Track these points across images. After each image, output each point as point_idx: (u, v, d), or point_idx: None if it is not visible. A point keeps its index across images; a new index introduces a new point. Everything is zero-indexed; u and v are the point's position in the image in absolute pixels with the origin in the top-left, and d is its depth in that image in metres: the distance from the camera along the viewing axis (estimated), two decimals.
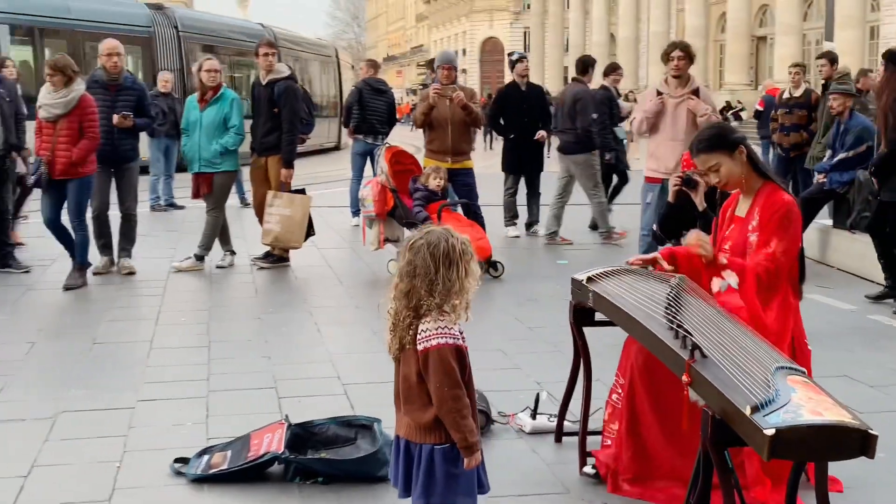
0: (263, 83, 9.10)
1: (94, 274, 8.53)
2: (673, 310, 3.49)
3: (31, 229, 10.15)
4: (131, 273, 8.67)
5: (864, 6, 32.13)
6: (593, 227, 11.26)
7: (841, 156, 8.69)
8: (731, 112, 35.05)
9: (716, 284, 3.81)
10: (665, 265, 4.05)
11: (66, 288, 7.96)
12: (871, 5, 33.09)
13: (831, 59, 10.90)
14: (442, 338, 2.92)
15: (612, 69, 11.82)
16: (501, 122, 11.16)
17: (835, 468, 3.93)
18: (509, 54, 12.42)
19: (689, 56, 7.95)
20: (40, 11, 19.39)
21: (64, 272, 8.24)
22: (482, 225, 9.13)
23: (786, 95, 11.33)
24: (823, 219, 9.68)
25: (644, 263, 4.14)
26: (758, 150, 11.00)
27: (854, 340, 6.50)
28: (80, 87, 7.98)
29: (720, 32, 43.42)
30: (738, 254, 3.98)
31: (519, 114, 10.93)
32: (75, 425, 4.77)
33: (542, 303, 7.59)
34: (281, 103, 8.93)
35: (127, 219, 8.92)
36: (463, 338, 3.00)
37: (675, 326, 3.34)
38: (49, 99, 7.90)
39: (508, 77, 12.25)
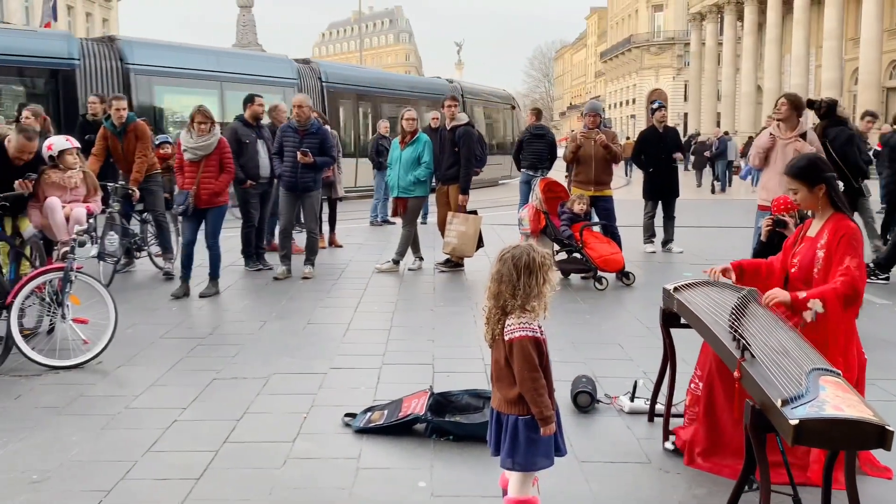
0: (448, 128, 9.30)
1: (275, 280, 8.52)
2: (735, 316, 3.34)
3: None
4: (306, 278, 8.61)
5: None
6: None
7: None
8: None
9: (807, 316, 3.56)
10: (732, 275, 3.91)
11: (202, 296, 7.74)
12: None
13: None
14: (523, 331, 2.91)
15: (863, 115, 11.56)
16: (642, 157, 10.92)
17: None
18: (651, 103, 12.15)
19: (792, 104, 7.49)
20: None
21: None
22: (618, 242, 8.94)
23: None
24: None
25: (716, 275, 3.96)
26: (874, 185, 10.25)
27: None
28: (218, 131, 7.84)
29: (853, 84, 40.36)
30: (805, 267, 3.74)
31: (657, 151, 10.71)
32: (281, 384, 5.05)
33: None
34: (460, 144, 9.11)
35: (309, 236, 8.95)
36: (542, 331, 2.97)
37: (732, 330, 3.20)
38: (193, 143, 7.69)
39: (672, 122, 11.96)
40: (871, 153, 11.90)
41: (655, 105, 11.23)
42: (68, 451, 3.96)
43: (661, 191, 10.89)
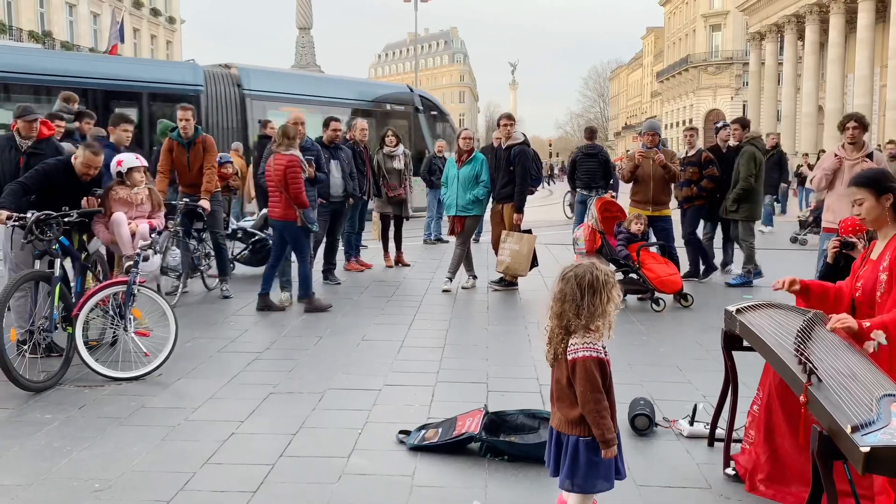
0: (504, 147, 9.30)
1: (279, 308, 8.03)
2: (801, 339, 3.24)
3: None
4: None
5: None
6: None
7: None
8: None
9: (869, 347, 3.45)
10: (798, 286, 3.79)
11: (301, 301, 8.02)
12: None
13: (743, 124, 10.16)
14: (587, 351, 2.88)
15: None
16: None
17: None
18: (715, 123, 11.95)
19: (862, 126, 7.33)
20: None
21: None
22: (676, 263, 8.81)
23: (681, 155, 10.32)
24: None
25: (784, 285, 3.85)
26: None
27: None
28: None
29: None
30: (869, 291, 3.62)
31: (719, 171, 10.45)
32: (336, 399, 5.08)
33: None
34: (516, 163, 9.09)
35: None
36: (605, 352, 2.93)
37: (798, 353, 3.11)
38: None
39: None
40: None
41: (720, 124, 11.04)
42: (129, 460, 4.04)
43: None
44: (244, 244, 10.09)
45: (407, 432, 4.37)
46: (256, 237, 9.94)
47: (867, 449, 2.46)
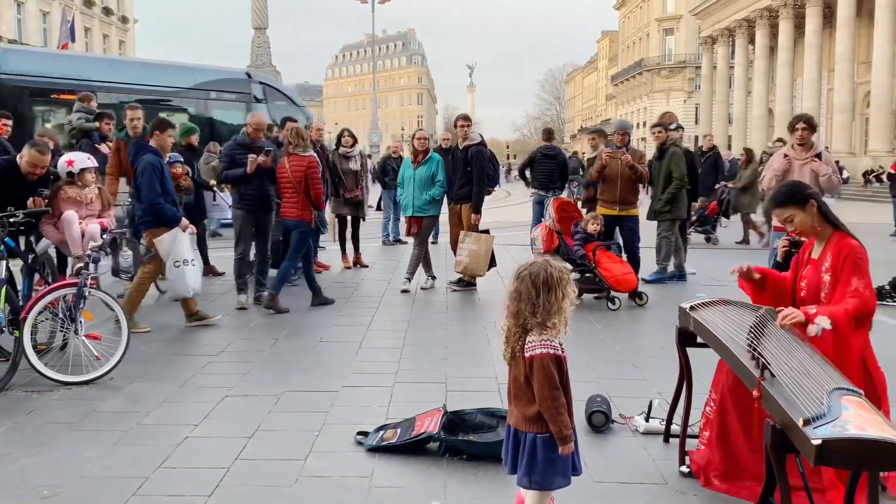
0: (461, 147, 9.31)
1: (238, 310, 7.97)
2: (753, 335, 3.29)
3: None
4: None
5: None
6: None
7: None
8: (872, 175, 32.35)
9: (811, 330, 3.51)
10: (755, 275, 3.88)
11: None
12: None
13: (665, 126, 10.21)
14: (544, 348, 2.88)
15: None
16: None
17: None
18: (668, 123, 12.01)
19: (811, 127, 7.46)
20: None
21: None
22: (638, 263, 8.90)
23: (590, 157, 10.41)
24: None
25: (741, 272, 3.91)
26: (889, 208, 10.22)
27: None
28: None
29: (865, 107, 40.31)
30: (813, 290, 3.71)
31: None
32: (293, 401, 5.02)
33: None
34: (473, 164, 9.10)
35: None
36: (562, 349, 2.94)
37: (750, 349, 3.16)
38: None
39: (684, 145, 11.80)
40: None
41: (673, 126, 11.16)
42: (80, 467, 3.94)
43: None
44: None
45: (365, 433, 4.34)
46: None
47: (819, 441, 2.50)
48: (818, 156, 7.53)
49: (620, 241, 9.22)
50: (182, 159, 9.67)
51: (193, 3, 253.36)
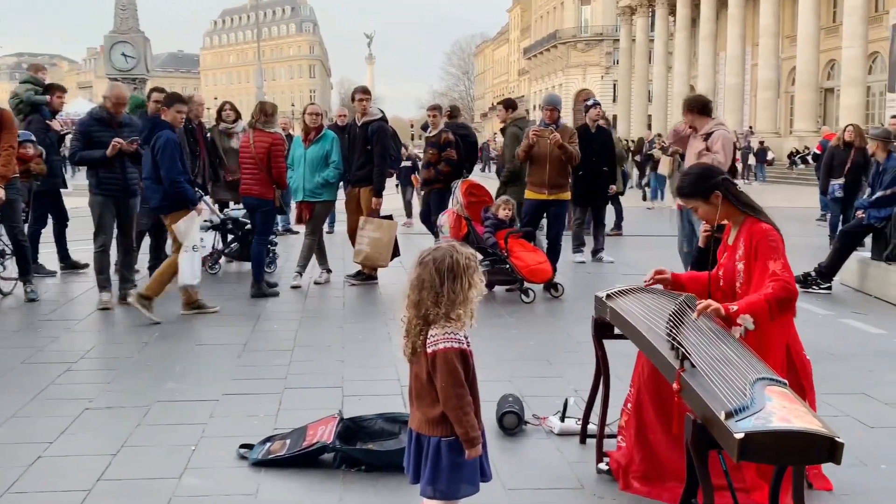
0: (359, 124, 9.24)
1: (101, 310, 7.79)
2: (673, 324, 3.38)
3: None
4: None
5: None
6: None
7: (879, 194, 8.41)
8: (798, 157, 33.95)
9: (736, 332, 3.63)
10: (666, 276, 4.01)
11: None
12: None
13: (507, 105, 10.55)
14: (448, 342, 2.88)
15: None
16: None
17: (841, 478, 3.76)
18: (585, 100, 12.26)
19: (689, 110, 7.77)
20: None
21: None
22: (558, 252, 9.04)
23: (428, 135, 10.42)
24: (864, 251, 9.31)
25: (655, 281, 4.03)
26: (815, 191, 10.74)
27: (877, 362, 6.16)
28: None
29: (790, 84, 42.25)
30: (728, 279, 3.86)
31: (588, 153, 10.73)
32: (165, 413, 4.89)
33: None
34: (373, 141, 9.05)
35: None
36: (468, 343, 2.94)
37: (670, 339, 3.24)
38: None
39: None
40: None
41: (590, 102, 11.35)
42: None
43: (590, 196, 11.06)
44: (234, 236, 10.16)
45: (249, 446, 4.27)
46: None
47: (741, 435, 2.58)
48: (708, 136, 7.81)
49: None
50: (34, 138, 9.21)
51: None
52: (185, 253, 7.33)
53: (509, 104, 10.40)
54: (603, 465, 4.02)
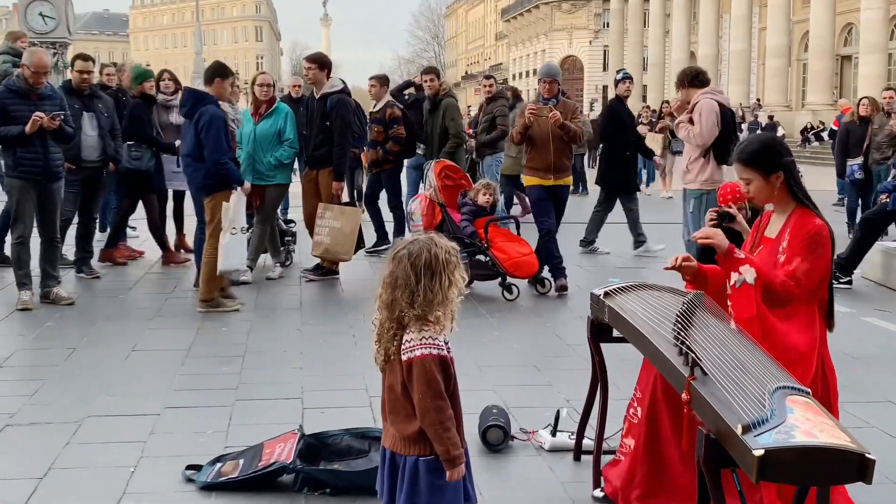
0: (317, 97, 9.20)
1: (21, 310, 7.67)
2: (680, 325, 3.41)
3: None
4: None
5: None
6: None
7: None
8: (812, 133, 34.18)
9: (732, 278, 3.68)
10: (692, 263, 3.94)
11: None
12: None
13: (437, 73, 10.99)
14: (426, 348, 2.88)
15: None
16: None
17: (864, 499, 3.81)
18: (616, 72, 12.25)
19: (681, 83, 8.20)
20: None
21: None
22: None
23: (372, 110, 10.92)
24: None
25: (678, 268, 3.99)
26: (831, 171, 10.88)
27: None
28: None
29: (803, 51, 42.60)
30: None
31: (627, 135, 11.01)
32: (99, 430, 4.87)
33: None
34: (333, 116, 9.00)
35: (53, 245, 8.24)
36: (448, 349, 2.95)
37: (678, 342, 3.26)
38: None
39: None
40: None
41: (620, 76, 11.36)
42: None
43: (629, 182, 11.22)
44: None
45: (197, 467, 4.27)
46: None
47: (761, 452, 2.61)
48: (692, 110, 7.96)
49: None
50: None
51: None
52: (227, 235, 7.53)
53: (439, 73, 10.75)
54: (598, 493, 4.03)
